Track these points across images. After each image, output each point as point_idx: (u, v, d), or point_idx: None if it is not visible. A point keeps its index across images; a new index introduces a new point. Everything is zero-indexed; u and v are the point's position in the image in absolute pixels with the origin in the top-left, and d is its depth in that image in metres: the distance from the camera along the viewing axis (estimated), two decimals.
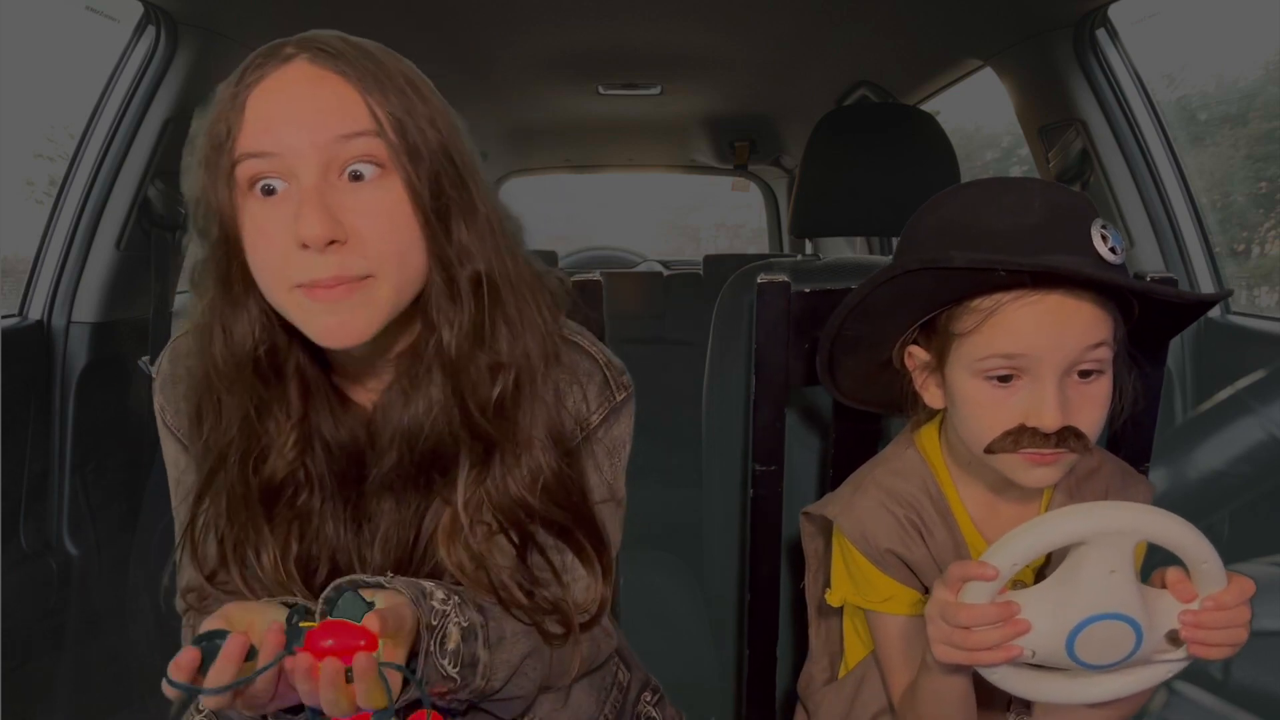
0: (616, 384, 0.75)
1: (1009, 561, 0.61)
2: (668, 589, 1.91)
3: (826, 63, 2.15)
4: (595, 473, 0.75)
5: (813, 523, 0.87)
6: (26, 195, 1.94)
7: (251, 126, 0.59)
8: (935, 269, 0.67)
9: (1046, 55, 1.60)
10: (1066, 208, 0.68)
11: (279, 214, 0.59)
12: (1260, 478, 1.19)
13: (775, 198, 3.88)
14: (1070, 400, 0.66)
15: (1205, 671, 1.08)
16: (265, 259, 0.61)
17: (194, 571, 0.73)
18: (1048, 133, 1.65)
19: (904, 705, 0.77)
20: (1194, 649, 0.62)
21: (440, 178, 0.62)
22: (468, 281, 0.64)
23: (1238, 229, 2.17)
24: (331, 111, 0.59)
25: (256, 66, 0.61)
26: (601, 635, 0.78)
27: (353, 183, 0.60)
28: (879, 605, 0.78)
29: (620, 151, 3.64)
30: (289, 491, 0.69)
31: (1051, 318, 0.65)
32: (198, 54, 1.54)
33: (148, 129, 1.53)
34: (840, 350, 0.80)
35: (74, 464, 1.51)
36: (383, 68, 0.61)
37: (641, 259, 4.16)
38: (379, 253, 0.60)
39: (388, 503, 0.72)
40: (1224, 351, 1.49)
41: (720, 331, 1.32)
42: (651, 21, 1.89)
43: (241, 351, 0.65)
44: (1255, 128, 2.15)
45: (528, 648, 0.69)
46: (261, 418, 0.67)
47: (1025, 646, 0.62)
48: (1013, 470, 0.69)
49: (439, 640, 0.63)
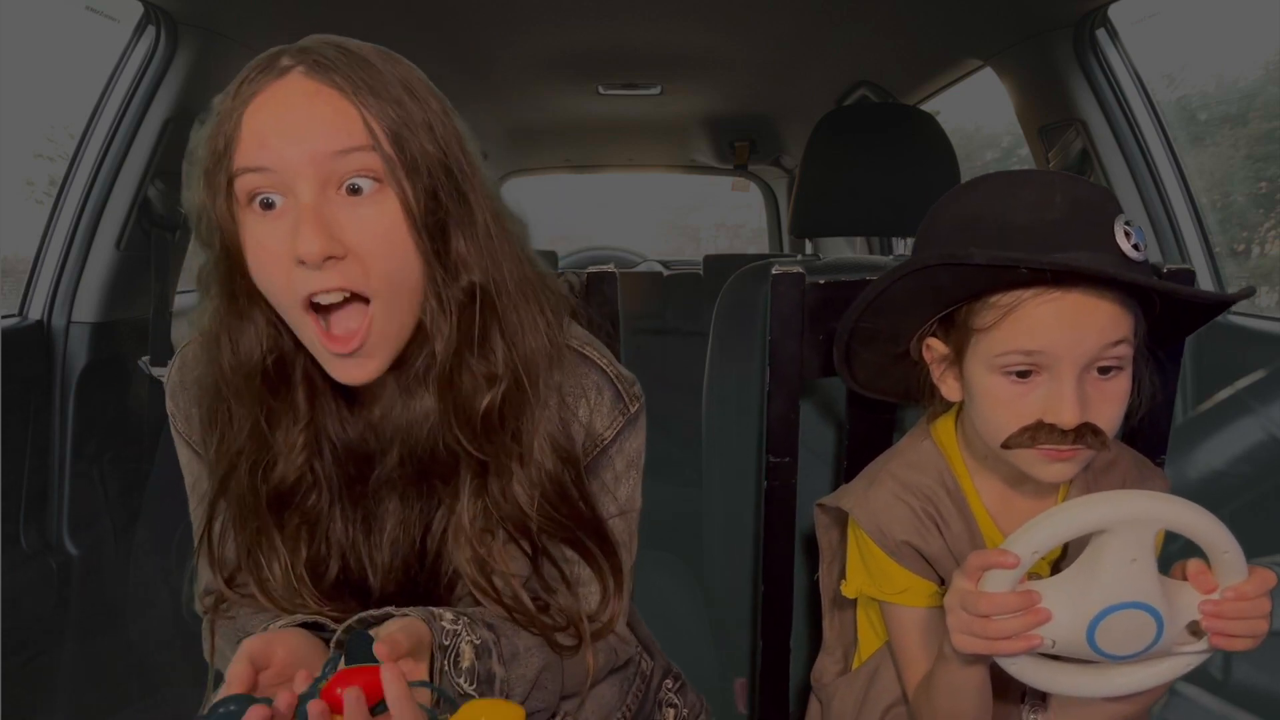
0: (629, 396, 0.74)
1: (1030, 549, 0.61)
2: (668, 589, 1.91)
3: (826, 63, 2.15)
4: (613, 487, 0.75)
5: (827, 514, 0.87)
6: (26, 195, 1.94)
7: (248, 141, 0.59)
8: (955, 265, 0.67)
9: (1046, 55, 1.60)
10: (1088, 203, 0.67)
11: (278, 229, 0.59)
12: (1260, 478, 1.19)
13: (775, 198, 3.88)
14: (1089, 397, 0.65)
15: (1205, 671, 1.08)
16: (269, 275, 0.61)
17: (211, 575, 0.73)
18: (1048, 133, 1.65)
19: (919, 697, 0.77)
20: (1215, 640, 0.62)
21: (437, 191, 0.62)
22: (462, 293, 0.64)
23: (1238, 229, 2.17)
24: (327, 126, 0.58)
25: (253, 79, 0.60)
26: (619, 643, 0.78)
27: (351, 196, 0.60)
28: (894, 597, 0.78)
29: (620, 151, 3.63)
30: (298, 495, 0.69)
31: (1072, 315, 0.64)
32: (198, 54, 1.54)
33: (148, 129, 1.53)
34: (857, 342, 0.80)
35: (74, 464, 1.51)
36: (379, 76, 0.61)
37: (641, 259, 4.16)
38: (377, 271, 0.60)
39: (393, 503, 0.72)
40: (1224, 351, 1.48)
41: (720, 331, 1.32)
42: (651, 21, 1.89)
43: (249, 363, 0.65)
44: (1255, 128, 2.15)
45: (542, 661, 0.69)
46: (270, 425, 0.67)
47: (1046, 636, 0.62)
48: (1030, 465, 0.68)
49: (453, 659, 0.63)
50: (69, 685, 1.48)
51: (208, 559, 0.73)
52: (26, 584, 1.41)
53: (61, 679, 1.48)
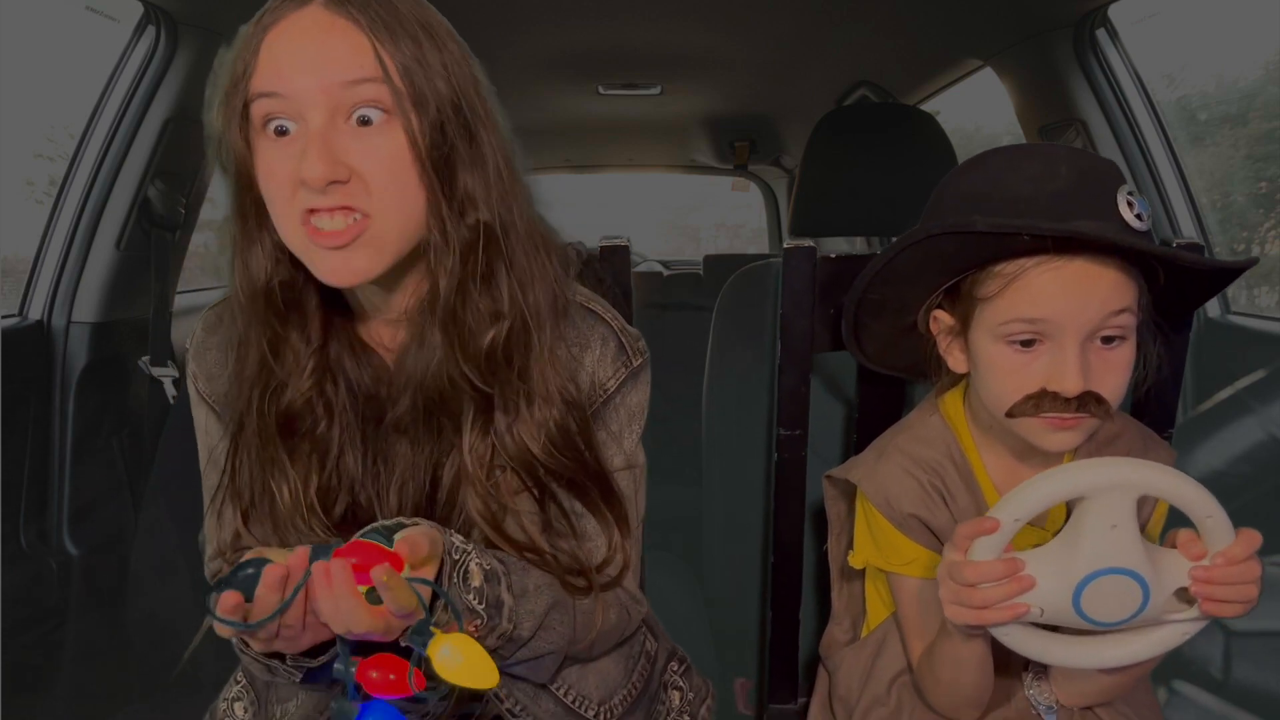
0: (633, 349, 0.76)
1: (1011, 516, 0.62)
2: (668, 589, 1.91)
3: (826, 63, 2.15)
4: (614, 440, 0.76)
5: (836, 486, 0.88)
6: (26, 195, 1.94)
7: (264, 68, 0.61)
8: (958, 233, 0.67)
9: (1046, 55, 1.60)
10: (1093, 174, 0.67)
11: (288, 153, 0.61)
12: (1260, 478, 1.19)
13: (775, 198, 3.88)
14: (1092, 365, 0.66)
15: (1205, 671, 1.08)
16: (274, 196, 0.63)
17: (223, 536, 0.74)
18: (1048, 133, 1.65)
19: (922, 667, 0.78)
20: (1206, 606, 0.62)
21: (445, 127, 0.63)
22: (468, 230, 0.65)
23: (1238, 229, 2.17)
24: (340, 57, 0.60)
25: (275, 8, 0.62)
26: (630, 601, 0.79)
27: (360, 127, 0.61)
28: (901, 568, 0.78)
29: (620, 151, 3.64)
30: (308, 421, 0.70)
31: (1074, 283, 0.65)
32: (198, 54, 1.54)
33: (148, 129, 1.53)
34: (865, 314, 0.81)
35: (74, 464, 1.51)
36: (396, 14, 0.62)
37: (642, 259, 4.15)
38: (379, 195, 0.62)
39: (403, 446, 0.73)
40: (1224, 351, 1.48)
41: (720, 331, 1.32)
42: (651, 21, 1.89)
43: (257, 283, 0.67)
44: (1255, 128, 2.15)
45: (551, 599, 0.70)
46: (280, 348, 0.69)
47: (1033, 604, 0.62)
48: (1034, 434, 0.69)
49: (462, 574, 0.64)
50: (68, 685, 1.48)
51: (215, 521, 0.74)
52: (26, 584, 1.41)
53: (61, 678, 1.48)
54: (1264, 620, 1.12)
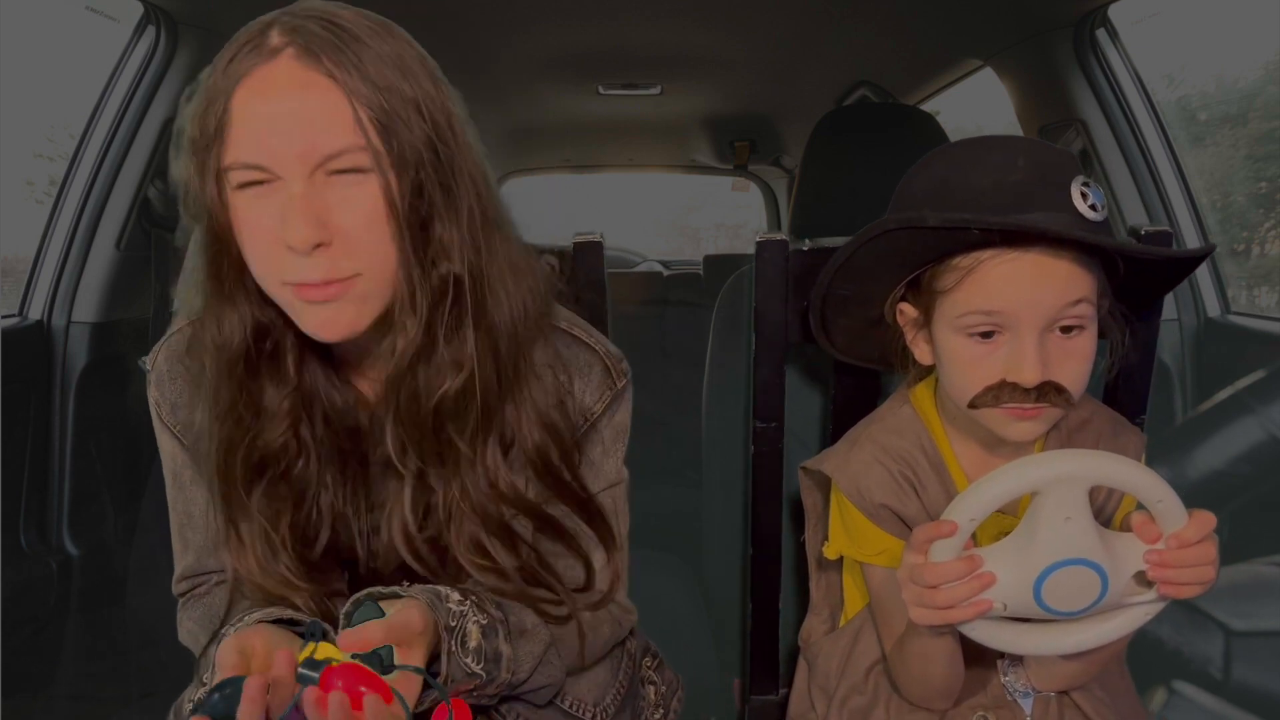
0: (616, 372, 0.76)
1: (966, 516, 0.62)
2: (668, 589, 1.91)
3: (826, 63, 2.15)
4: (600, 461, 0.76)
5: (811, 478, 0.88)
6: (26, 195, 1.94)
7: (241, 133, 0.59)
8: (911, 228, 0.68)
9: (1046, 55, 1.60)
10: (1050, 165, 0.68)
11: (267, 208, 0.60)
12: (1260, 478, 1.19)
13: (775, 198, 3.88)
14: (1051, 355, 0.66)
15: (1205, 671, 1.08)
16: (256, 255, 0.62)
17: (190, 559, 0.74)
18: (1048, 132, 1.65)
19: (894, 658, 0.78)
20: (1163, 589, 0.63)
21: (423, 183, 0.62)
22: (439, 281, 0.64)
23: (1238, 229, 2.17)
24: (318, 123, 0.59)
25: (243, 58, 0.60)
26: (621, 612, 0.80)
27: (338, 175, 0.60)
28: (873, 558, 0.79)
29: (620, 151, 3.64)
30: (282, 464, 0.69)
31: (1029, 275, 0.65)
32: (198, 54, 1.54)
33: (148, 129, 1.53)
34: (830, 310, 0.81)
35: (74, 464, 1.51)
36: (369, 58, 0.60)
37: (641, 259, 4.16)
38: (364, 251, 0.61)
39: (390, 479, 0.72)
40: (1224, 351, 1.49)
41: (720, 332, 1.32)
42: (651, 21, 1.89)
43: (231, 345, 0.66)
44: (1255, 128, 2.15)
45: (549, 637, 0.70)
46: (255, 398, 0.68)
47: (996, 600, 0.63)
48: (997, 425, 0.70)
49: (459, 640, 0.64)
50: (68, 684, 1.48)
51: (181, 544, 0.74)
52: (26, 584, 1.41)
53: (61, 678, 1.48)
54: (1264, 620, 1.12)
